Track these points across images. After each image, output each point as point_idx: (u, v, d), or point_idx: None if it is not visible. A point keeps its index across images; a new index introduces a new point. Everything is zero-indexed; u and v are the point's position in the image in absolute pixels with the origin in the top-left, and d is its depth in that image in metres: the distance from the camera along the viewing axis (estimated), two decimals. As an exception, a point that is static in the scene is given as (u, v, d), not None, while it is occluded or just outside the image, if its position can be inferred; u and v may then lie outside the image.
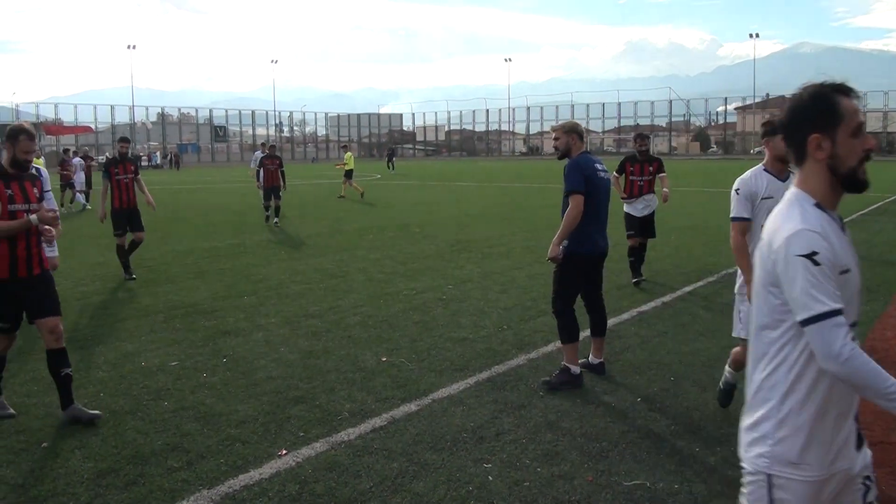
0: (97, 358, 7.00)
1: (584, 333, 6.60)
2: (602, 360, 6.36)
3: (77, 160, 26.27)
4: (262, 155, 22.45)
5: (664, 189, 10.76)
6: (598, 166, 6.16)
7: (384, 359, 6.83)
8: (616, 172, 10.17)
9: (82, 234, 17.10)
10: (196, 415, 5.50)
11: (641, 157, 10.59)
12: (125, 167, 11.50)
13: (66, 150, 29.45)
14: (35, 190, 5.44)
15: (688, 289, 9.88)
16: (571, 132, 6.22)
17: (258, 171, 19.56)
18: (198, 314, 8.67)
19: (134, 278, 11.06)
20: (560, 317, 6.17)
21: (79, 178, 25.52)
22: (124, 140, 11.97)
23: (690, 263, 11.75)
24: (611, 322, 8.04)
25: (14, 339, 5.58)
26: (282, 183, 19.03)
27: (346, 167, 28.25)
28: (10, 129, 5.35)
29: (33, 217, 5.24)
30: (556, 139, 6.29)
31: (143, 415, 5.52)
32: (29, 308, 5.38)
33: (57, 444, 5.05)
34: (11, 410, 5.56)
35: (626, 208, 10.60)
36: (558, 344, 6.53)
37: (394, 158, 58.25)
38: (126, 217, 11.41)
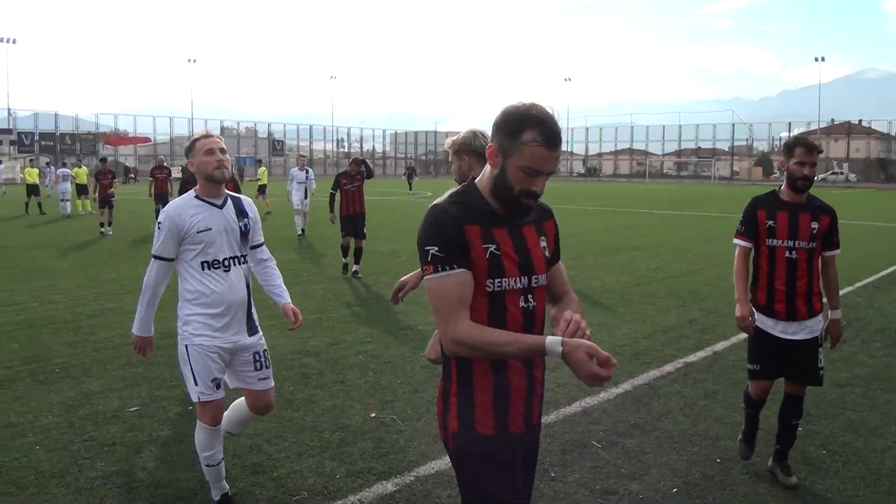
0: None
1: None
2: None
3: (63, 171, 27.33)
4: (308, 173, 20.24)
5: (831, 313, 4.71)
6: None
7: (373, 415, 5.78)
8: (741, 236, 4.70)
9: (103, 249, 16.56)
10: (127, 485, 4.54)
11: (793, 198, 4.54)
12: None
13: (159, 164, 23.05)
14: (543, 241, 2.70)
15: (744, 335, 8.59)
16: (463, 151, 3.87)
17: (332, 195, 13.77)
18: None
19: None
20: None
21: (62, 188, 26.15)
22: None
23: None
24: (650, 375, 6.89)
25: None
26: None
27: (260, 182, 29.31)
28: (551, 131, 2.43)
29: (557, 341, 2.29)
30: (450, 163, 4.02)
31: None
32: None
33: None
34: None
35: (758, 317, 4.70)
36: (568, 407, 5.38)
37: (414, 177, 54.54)
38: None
